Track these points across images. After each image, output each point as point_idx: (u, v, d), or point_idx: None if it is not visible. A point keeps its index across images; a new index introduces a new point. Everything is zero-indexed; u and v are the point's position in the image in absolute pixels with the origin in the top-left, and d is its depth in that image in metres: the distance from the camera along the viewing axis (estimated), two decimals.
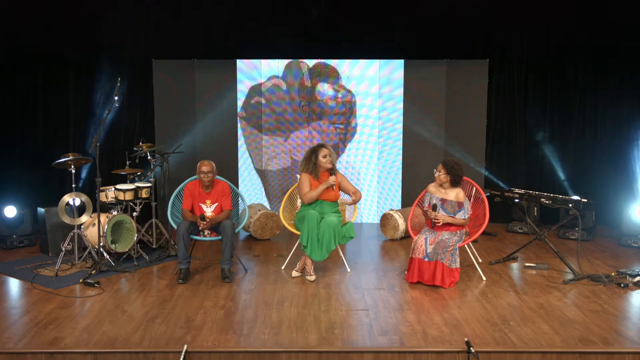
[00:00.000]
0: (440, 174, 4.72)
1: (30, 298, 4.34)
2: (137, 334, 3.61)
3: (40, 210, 5.59)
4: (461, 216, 4.66)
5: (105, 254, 5.10)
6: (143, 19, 6.70)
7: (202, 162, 5.00)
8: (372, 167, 7.15)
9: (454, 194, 4.71)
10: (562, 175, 6.92)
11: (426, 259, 4.56)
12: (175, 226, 4.94)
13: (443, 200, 4.73)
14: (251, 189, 7.14)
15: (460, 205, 4.68)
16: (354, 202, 5.00)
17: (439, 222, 4.70)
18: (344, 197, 5.40)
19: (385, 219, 6.37)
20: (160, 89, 6.89)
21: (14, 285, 4.71)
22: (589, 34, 6.68)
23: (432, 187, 4.84)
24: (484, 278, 4.81)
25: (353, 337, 3.61)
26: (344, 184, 5.02)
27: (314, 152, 4.94)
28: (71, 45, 6.65)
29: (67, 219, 5.08)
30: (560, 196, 5.14)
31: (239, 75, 6.94)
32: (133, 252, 5.31)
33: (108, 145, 6.70)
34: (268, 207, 6.90)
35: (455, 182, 4.72)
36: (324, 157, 4.89)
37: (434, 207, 4.71)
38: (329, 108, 6.99)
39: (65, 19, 6.57)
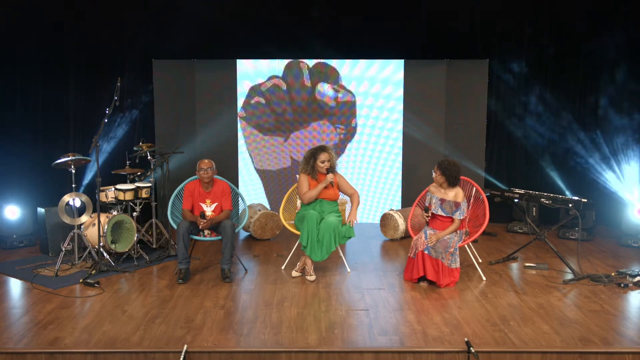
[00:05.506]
0: (437, 175, 4.75)
1: (30, 298, 4.34)
2: (137, 334, 3.62)
3: (40, 210, 5.59)
4: (457, 216, 4.68)
5: (105, 254, 5.10)
6: (143, 19, 6.69)
7: (202, 160, 5.01)
8: (372, 167, 7.15)
9: (453, 194, 4.72)
10: (561, 175, 6.91)
11: (427, 252, 4.57)
12: (175, 226, 4.94)
13: (442, 200, 4.74)
14: (251, 189, 7.14)
15: (457, 205, 4.69)
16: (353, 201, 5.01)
17: (428, 216, 4.78)
18: (343, 197, 5.40)
19: (385, 219, 6.37)
20: (160, 89, 6.88)
21: (14, 285, 4.71)
22: (589, 33, 6.67)
23: (432, 187, 4.86)
24: (484, 278, 4.81)
25: (353, 337, 3.61)
26: (343, 185, 5.02)
27: (313, 155, 4.93)
28: (71, 45, 6.64)
29: (67, 219, 5.08)
30: (560, 196, 5.14)
31: (239, 75, 6.94)
32: (133, 252, 5.31)
33: (108, 145, 6.71)
34: (268, 207, 6.90)
35: (452, 182, 4.73)
36: (322, 162, 4.89)
37: (426, 210, 4.78)
38: (329, 108, 6.99)
39: (65, 19, 6.56)
